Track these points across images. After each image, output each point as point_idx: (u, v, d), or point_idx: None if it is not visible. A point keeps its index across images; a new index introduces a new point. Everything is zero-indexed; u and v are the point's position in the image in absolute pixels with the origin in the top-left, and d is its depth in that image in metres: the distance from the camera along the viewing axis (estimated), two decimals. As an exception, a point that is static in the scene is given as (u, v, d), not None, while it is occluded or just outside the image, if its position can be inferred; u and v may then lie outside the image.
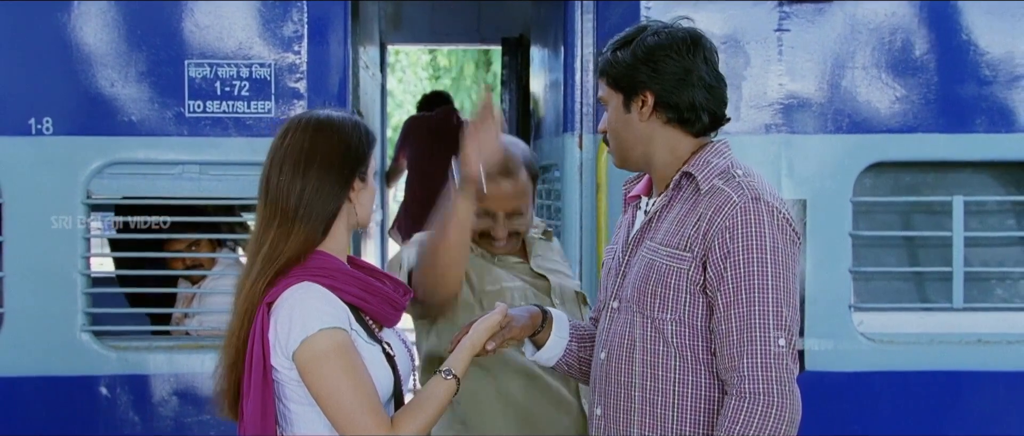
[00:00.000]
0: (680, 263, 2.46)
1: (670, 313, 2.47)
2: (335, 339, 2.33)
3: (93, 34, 4.07)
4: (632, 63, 2.54)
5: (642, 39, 2.55)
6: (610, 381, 2.56)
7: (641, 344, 2.51)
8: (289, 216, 2.41)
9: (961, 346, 4.19)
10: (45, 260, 4.06)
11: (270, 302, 2.37)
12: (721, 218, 2.41)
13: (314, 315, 2.34)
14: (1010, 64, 4.19)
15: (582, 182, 4.32)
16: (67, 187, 4.06)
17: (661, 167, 2.59)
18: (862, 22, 4.18)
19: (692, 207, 2.48)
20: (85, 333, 4.08)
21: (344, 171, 2.43)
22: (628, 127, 2.58)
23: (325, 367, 2.32)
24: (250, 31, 4.11)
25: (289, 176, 2.42)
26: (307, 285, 2.38)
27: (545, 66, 5.30)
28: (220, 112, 4.09)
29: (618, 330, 2.56)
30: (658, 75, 2.51)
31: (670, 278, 2.46)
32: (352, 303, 2.43)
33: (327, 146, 2.44)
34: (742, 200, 2.41)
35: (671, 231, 2.49)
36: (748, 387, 2.33)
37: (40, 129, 4.05)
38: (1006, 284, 4.35)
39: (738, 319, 2.37)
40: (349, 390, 2.32)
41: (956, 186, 4.28)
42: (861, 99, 4.19)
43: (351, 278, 2.44)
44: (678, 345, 2.47)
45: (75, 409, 4.08)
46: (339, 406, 2.33)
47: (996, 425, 4.18)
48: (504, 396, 3.03)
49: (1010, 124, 4.20)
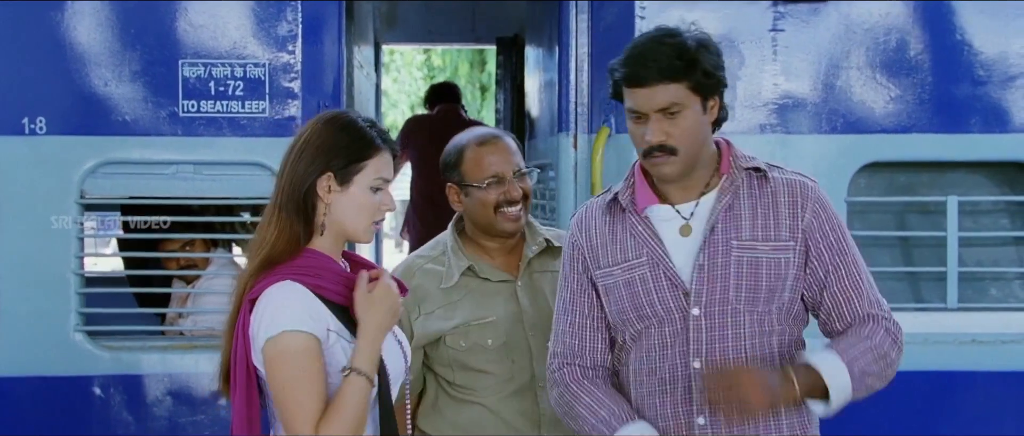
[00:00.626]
0: (786, 254, 2.58)
1: (776, 303, 2.59)
2: (295, 342, 2.32)
3: (87, 33, 4.06)
4: (719, 66, 2.56)
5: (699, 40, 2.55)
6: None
7: (750, 341, 2.58)
8: (276, 200, 2.43)
9: (955, 346, 4.19)
10: (39, 260, 4.05)
11: (253, 298, 2.37)
12: (810, 204, 2.60)
13: (283, 315, 2.33)
14: (1004, 64, 4.19)
15: (577, 182, 4.31)
16: (61, 187, 4.04)
17: (704, 168, 2.62)
18: (857, 22, 4.18)
19: (769, 198, 2.59)
20: (78, 333, 4.07)
21: (315, 162, 2.41)
22: (703, 130, 2.59)
23: (279, 368, 2.32)
24: (244, 31, 4.10)
25: (283, 162, 2.46)
26: (288, 284, 2.37)
27: (540, 66, 5.30)
28: (214, 112, 4.08)
29: (715, 334, 2.57)
30: (723, 72, 2.59)
31: (781, 269, 2.58)
32: (339, 302, 2.41)
33: (314, 137, 2.44)
34: (815, 185, 2.65)
35: (760, 226, 2.58)
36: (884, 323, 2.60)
37: (33, 129, 4.04)
38: (1000, 284, 4.35)
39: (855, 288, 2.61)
40: (293, 395, 2.30)
41: (950, 186, 4.28)
42: (856, 99, 4.19)
43: (337, 277, 2.42)
44: (780, 331, 2.61)
45: (69, 409, 4.07)
46: (283, 408, 2.33)
47: (990, 425, 4.18)
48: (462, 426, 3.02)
49: (1004, 124, 4.20)
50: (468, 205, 3.04)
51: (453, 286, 3.02)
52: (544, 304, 3.03)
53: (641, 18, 4.16)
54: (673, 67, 2.51)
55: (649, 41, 2.56)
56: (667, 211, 2.63)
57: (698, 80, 2.52)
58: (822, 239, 2.60)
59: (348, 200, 2.44)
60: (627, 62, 2.57)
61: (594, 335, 2.72)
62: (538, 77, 5.36)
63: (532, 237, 3.11)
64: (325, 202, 2.42)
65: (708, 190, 2.62)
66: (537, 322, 3.02)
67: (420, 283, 3.02)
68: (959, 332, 4.19)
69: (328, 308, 2.40)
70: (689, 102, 2.53)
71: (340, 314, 2.42)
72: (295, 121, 4.08)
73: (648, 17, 4.16)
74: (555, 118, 4.46)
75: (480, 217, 3.02)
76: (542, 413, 3.01)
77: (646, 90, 2.52)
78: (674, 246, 2.61)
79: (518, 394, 3.01)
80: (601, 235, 2.69)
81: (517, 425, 3.01)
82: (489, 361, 2.99)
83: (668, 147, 2.53)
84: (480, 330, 2.99)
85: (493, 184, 2.98)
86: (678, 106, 2.52)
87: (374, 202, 2.46)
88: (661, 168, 2.56)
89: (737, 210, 2.59)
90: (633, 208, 2.66)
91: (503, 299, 3.04)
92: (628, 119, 2.60)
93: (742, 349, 2.57)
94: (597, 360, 2.72)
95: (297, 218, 2.41)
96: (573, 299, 2.73)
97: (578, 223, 2.75)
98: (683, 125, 2.53)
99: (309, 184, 2.41)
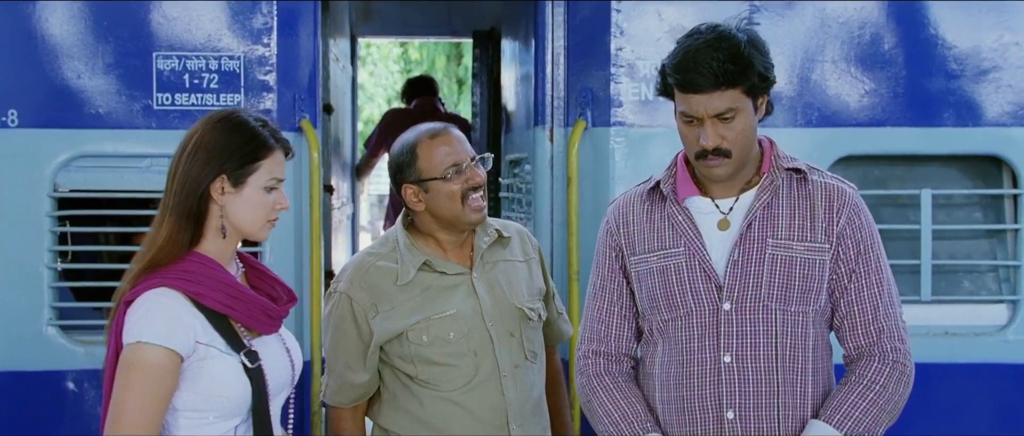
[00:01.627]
0: (822, 255, 2.61)
1: (812, 304, 2.62)
2: (145, 356, 2.31)
3: (60, 25, 4.03)
4: (767, 63, 2.57)
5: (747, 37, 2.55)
6: (744, 382, 2.60)
7: (782, 339, 2.60)
8: (165, 202, 2.41)
9: (929, 338, 4.22)
10: (11, 254, 4.02)
11: (129, 301, 2.36)
12: (847, 210, 2.63)
13: (143, 325, 2.32)
14: (977, 59, 4.22)
15: (553, 176, 4.31)
16: (33, 180, 4.02)
17: (751, 165, 2.64)
18: (831, 16, 4.20)
19: (806, 200, 2.62)
20: (52, 327, 4.04)
21: (208, 165, 2.39)
22: (754, 131, 2.62)
23: (122, 377, 2.32)
24: (219, 23, 4.08)
25: (173, 163, 2.43)
26: (161, 291, 2.36)
27: (516, 59, 5.30)
28: (189, 105, 4.06)
29: (746, 330, 2.60)
30: (773, 70, 2.61)
31: (815, 270, 2.61)
32: (218, 310, 2.39)
33: (205, 138, 2.41)
34: (854, 192, 2.67)
35: (796, 226, 2.61)
36: (891, 357, 2.60)
37: (5, 121, 4.01)
38: (973, 277, 4.38)
39: (872, 300, 2.62)
40: (125, 408, 2.30)
41: (924, 179, 4.30)
42: (830, 93, 4.21)
43: (219, 285, 2.40)
44: (814, 334, 2.63)
45: (41, 404, 4.05)
46: (112, 416, 2.32)
47: (963, 417, 4.21)
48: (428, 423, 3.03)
49: (977, 118, 4.23)
50: (431, 201, 3.01)
51: (409, 282, 3.00)
52: (501, 294, 3.05)
53: (617, 12, 4.17)
54: (729, 73, 2.50)
55: (703, 45, 2.52)
56: (707, 204, 2.66)
57: (753, 83, 2.54)
58: (852, 246, 2.63)
59: (242, 201, 2.43)
60: (681, 67, 2.54)
61: (620, 322, 2.76)
62: (514, 71, 5.36)
63: (482, 229, 3.10)
64: (219, 204, 2.41)
65: (748, 187, 2.66)
66: (495, 313, 3.03)
67: (375, 281, 3.01)
68: (932, 324, 4.22)
69: (206, 316, 2.38)
70: (743, 105, 2.55)
71: (218, 322, 2.39)
72: (271, 114, 4.06)
73: (624, 11, 4.17)
74: (531, 112, 4.46)
75: (446, 210, 3.00)
76: (508, 404, 3.02)
77: (701, 96, 2.52)
78: (711, 239, 2.64)
79: (482, 385, 3.02)
80: (639, 222, 2.72)
81: (484, 417, 3.01)
82: (451, 354, 2.99)
83: (722, 150, 2.56)
84: (441, 324, 2.98)
85: (453, 173, 2.98)
86: (733, 111, 2.53)
87: (268, 202, 2.46)
88: (715, 170, 2.59)
89: (775, 209, 2.63)
90: (674, 197, 2.68)
91: (461, 292, 3.03)
92: (679, 120, 2.61)
93: (773, 346, 2.60)
94: (622, 348, 2.77)
95: (187, 221, 2.39)
96: (603, 285, 2.78)
97: (616, 210, 2.79)
98: (738, 128, 2.55)
99: (203, 187, 2.39)
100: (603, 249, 2.79)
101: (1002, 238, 4.35)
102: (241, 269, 2.54)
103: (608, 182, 4.17)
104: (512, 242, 3.16)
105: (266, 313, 2.46)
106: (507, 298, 3.06)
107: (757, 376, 2.59)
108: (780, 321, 2.60)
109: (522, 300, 3.08)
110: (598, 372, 2.75)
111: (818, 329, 2.65)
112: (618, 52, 4.18)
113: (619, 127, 4.18)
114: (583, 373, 2.78)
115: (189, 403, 2.37)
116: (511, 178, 4.99)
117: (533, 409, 3.09)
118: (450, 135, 3.04)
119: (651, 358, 2.72)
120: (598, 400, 2.71)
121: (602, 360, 2.76)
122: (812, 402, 2.61)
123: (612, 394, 2.70)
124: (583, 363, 2.79)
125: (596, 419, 2.73)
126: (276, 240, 4.07)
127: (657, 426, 2.67)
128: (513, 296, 3.07)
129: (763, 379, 2.59)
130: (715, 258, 2.63)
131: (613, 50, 4.18)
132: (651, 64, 4.14)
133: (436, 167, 2.98)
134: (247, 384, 2.40)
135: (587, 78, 4.25)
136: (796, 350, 2.60)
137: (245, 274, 2.55)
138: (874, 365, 2.59)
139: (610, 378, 2.74)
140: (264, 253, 4.09)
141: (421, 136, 3.04)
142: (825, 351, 2.68)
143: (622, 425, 2.66)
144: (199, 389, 2.37)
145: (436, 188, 2.99)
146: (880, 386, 2.57)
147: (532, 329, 3.10)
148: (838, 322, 2.66)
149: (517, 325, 3.07)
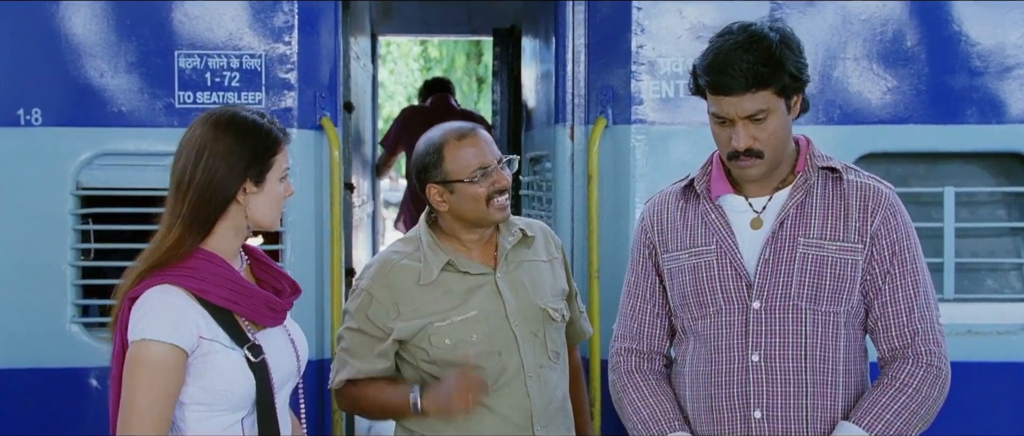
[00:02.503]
0: (854, 255, 2.58)
1: (843, 304, 2.58)
2: (152, 353, 2.33)
3: (82, 24, 4.06)
4: (799, 62, 2.54)
5: (779, 37, 2.52)
6: (772, 381, 2.58)
7: (812, 339, 2.57)
8: (177, 210, 2.42)
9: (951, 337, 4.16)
10: (35, 251, 4.04)
11: (133, 298, 2.38)
12: (882, 210, 2.59)
13: (149, 322, 2.34)
14: (1000, 55, 4.19)
15: (574, 173, 4.31)
16: (56, 178, 4.04)
17: (786, 163, 2.63)
18: (853, 13, 4.18)
19: (840, 199, 2.59)
20: (75, 324, 4.07)
21: (233, 172, 2.41)
22: (788, 130, 2.60)
23: (130, 375, 2.34)
24: (240, 22, 4.09)
25: (180, 171, 2.43)
26: (165, 288, 2.37)
27: (536, 57, 5.29)
28: (210, 103, 4.07)
29: (775, 329, 2.58)
30: (807, 68, 2.58)
31: (846, 270, 2.57)
32: (223, 306, 2.41)
33: (219, 144, 2.42)
34: (891, 192, 2.63)
35: (829, 225, 2.58)
36: (925, 360, 2.56)
37: (29, 120, 4.04)
38: (996, 275, 4.36)
39: (906, 300, 2.58)
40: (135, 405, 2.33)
41: (947, 177, 4.28)
42: (852, 90, 4.19)
43: (223, 280, 2.41)
44: (846, 335, 2.60)
45: (65, 401, 4.07)
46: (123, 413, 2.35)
47: (986, 416, 4.19)
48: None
49: (1000, 115, 4.20)
50: (456, 202, 2.98)
51: (432, 282, 2.98)
52: (525, 295, 3.02)
53: (638, 9, 4.16)
54: (759, 75, 2.48)
55: (734, 46, 2.50)
56: (741, 202, 2.65)
57: (784, 84, 2.52)
58: (887, 247, 2.58)
59: (263, 197, 2.46)
60: (711, 69, 2.52)
61: (653, 321, 2.77)
62: (535, 68, 5.35)
63: (507, 228, 3.07)
64: (242, 204, 2.44)
65: (783, 186, 2.64)
66: (519, 313, 3.00)
67: (397, 281, 2.98)
68: (955, 323, 4.19)
69: (209, 312, 2.39)
70: (775, 106, 2.53)
71: (221, 317, 2.41)
72: (292, 112, 4.08)
73: (644, 9, 4.16)
74: (552, 109, 4.46)
75: (471, 212, 2.98)
76: (533, 404, 3.00)
77: (733, 98, 2.51)
78: (743, 237, 2.63)
79: (508, 386, 2.99)
80: (672, 220, 2.73)
81: (510, 418, 2.99)
82: (477, 355, 2.96)
83: (755, 151, 2.54)
84: (463, 327, 2.96)
85: (480, 176, 2.96)
86: (764, 112, 2.52)
87: (281, 193, 2.50)
88: (748, 171, 2.58)
89: (808, 208, 2.61)
90: (708, 195, 2.68)
91: (484, 292, 3.00)
92: (711, 121, 2.60)
93: (802, 346, 2.57)
94: (654, 346, 2.77)
95: (201, 226, 2.41)
96: (637, 283, 2.79)
97: (651, 208, 2.79)
98: (770, 129, 2.53)
99: (231, 194, 2.42)
100: (637, 247, 2.80)
101: (1026, 236, 4.33)
102: (246, 261, 2.56)
103: (629, 180, 4.16)
104: (536, 241, 3.13)
105: (269, 306, 2.48)
106: (531, 298, 3.02)
107: (785, 376, 2.57)
108: (810, 321, 2.57)
109: (546, 301, 3.05)
110: (629, 369, 2.76)
111: (851, 331, 2.61)
112: (639, 50, 4.17)
113: (640, 125, 4.17)
114: (615, 370, 2.79)
115: (195, 397, 2.40)
116: (532, 176, 4.99)
117: (558, 410, 3.06)
118: (478, 136, 3.00)
119: (682, 356, 2.72)
120: (628, 398, 2.72)
121: (634, 358, 2.77)
122: (843, 404, 2.58)
123: (642, 392, 2.71)
124: (615, 360, 2.80)
125: (626, 416, 2.74)
126: (297, 238, 4.09)
127: (686, 424, 2.66)
128: (537, 297, 3.04)
129: (791, 379, 2.57)
130: (747, 256, 2.61)
131: (634, 48, 4.17)
132: (672, 62, 4.13)
133: (463, 169, 2.95)
134: (251, 378, 2.42)
135: (608, 76, 4.24)
136: (826, 350, 2.57)
137: (250, 266, 2.56)
138: (907, 367, 2.56)
139: (641, 376, 2.74)
140: (285, 251, 4.10)
141: (448, 136, 3.00)
142: (858, 353, 2.64)
143: (650, 423, 2.66)
144: (204, 384, 2.39)
145: (461, 190, 2.96)
146: (913, 389, 2.54)
147: (556, 329, 3.08)
148: (872, 323, 2.62)
149: (541, 325, 3.04)
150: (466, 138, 2.99)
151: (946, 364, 2.59)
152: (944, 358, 2.59)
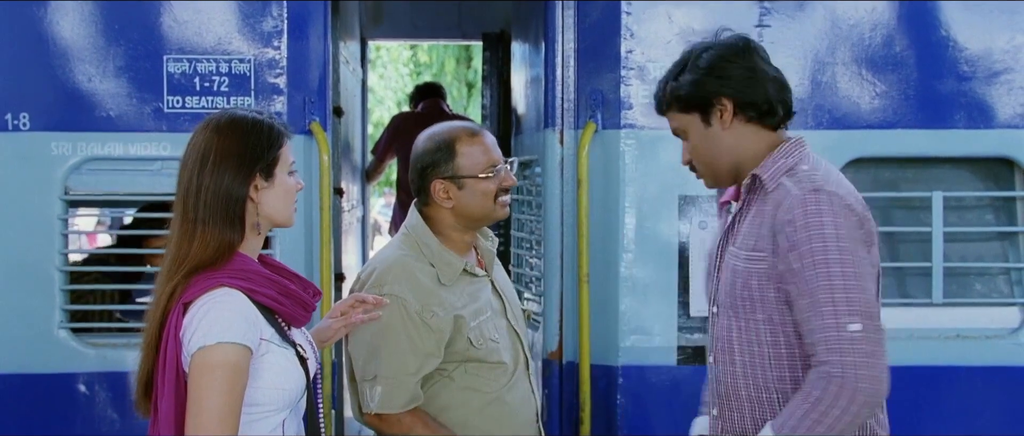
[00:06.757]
0: (758, 264, 2.54)
1: (761, 312, 2.56)
2: (229, 356, 2.31)
3: (70, 28, 4.05)
4: (698, 80, 2.61)
5: (697, 58, 2.62)
6: (719, 383, 2.67)
7: (738, 346, 2.61)
8: (189, 216, 2.41)
9: (940, 341, 4.21)
10: (23, 256, 4.03)
11: (187, 302, 2.36)
12: (782, 212, 2.49)
13: (219, 326, 2.32)
14: (988, 60, 4.21)
15: (563, 178, 4.31)
16: (44, 183, 4.03)
17: (748, 172, 2.64)
18: (842, 18, 4.19)
19: (760, 208, 2.58)
20: (63, 330, 4.05)
21: (242, 170, 2.42)
22: (713, 142, 2.64)
23: (206, 378, 2.31)
24: (229, 26, 4.09)
25: (188, 176, 2.43)
26: (226, 291, 2.36)
27: (526, 62, 5.29)
28: (199, 107, 4.06)
29: (720, 334, 2.66)
30: (728, 80, 2.60)
31: (752, 280, 2.56)
32: (267, 305, 2.42)
33: (223, 145, 2.42)
34: (801, 192, 2.48)
35: (746, 234, 2.60)
36: (825, 368, 2.42)
37: (17, 125, 4.02)
38: (985, 279, 4.37)
39: (811, 308, 2.45)
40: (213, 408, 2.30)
41: (935, 182, 4.29)
42: (841, 95, 4.20)
43: (267, 281, 2.43)
44: (772, 343, 2.57)
45: (53, 407, 4.06)
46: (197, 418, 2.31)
47: (974, 420, 4.20)
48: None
49: (989, 120, 4.22)
50: (463, 198, 2.98)
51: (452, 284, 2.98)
52: (511, 296, 3.15)
53: (627, 14, 4.17)
54: (663, 100, 2.68)
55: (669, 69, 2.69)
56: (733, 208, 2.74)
57: (683, 104, 2.63)
58: (788, 252, 2.47)
59: (275, 191, 2.48)
60: None
61: None
62: (524, 73, 5.35)
63: (482, 232, 3.13)
64: (255, 201, 2.45)
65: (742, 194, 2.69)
66: (515, 312, 3.12)
67: (422, 282, 2.95)
68: (944, 327, 4.21)
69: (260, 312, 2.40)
70: (688, 123, 2.65)
71: (269, 318, 2.42)
72: (281, 117, 4.06)
73: (634, 13, 4.16)
74: (541, 114, 4.46)
75: (478, 208, 2.99)
76: (537, 400, 3.12)
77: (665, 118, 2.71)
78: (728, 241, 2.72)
79: (518, 383, 3.06)
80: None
81: (522, 414, 3.06)
82: (499, 351, 3.01)
83: (692, 165, 2.71)
84: (486, 325, 3.00)
85: (493, 173, 2.98)
86: (682, 131, 2.67)
87: (292, 185, 2.52)
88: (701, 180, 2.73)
89: (743, 216, 2.64)
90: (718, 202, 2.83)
91: (487, 293, 3.06)
92: None
93: (732, 352, 2.63)
94: None
95: (226, 227, 2.41)
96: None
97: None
98: (692, 145, 2.67)
99: (244, 193, 2.42)
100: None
101: (1014, 240, 4.34)
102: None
103: (618, 184, 4.16)
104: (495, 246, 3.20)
105: (302, 306, 2.51)
106: (515, 300, 3.14)
107: (726, 379, 2.65)
108: (736, 327, 2.62)
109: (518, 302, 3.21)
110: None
111: (784, 338, 2.56)
112: (628, 54, 4.18)
113: (629, 129, 4.18)
114: None
115: (250, 398, 2.39)
116: (521, 180, 4.99)
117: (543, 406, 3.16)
118: (487, 136, 3.06)
119: None
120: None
121: None
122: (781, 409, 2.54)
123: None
124: None
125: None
126: (286, 243, 4.08)
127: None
128: (515, 297, 3.18)
129: (730, 382, 2.64)
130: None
131: (623, 52, 4.18)
132: (661, 66, 4.13)
133: (476, 165, 2.97)
134: (302, 375, 2.46)
135: (597, 80, 4.25)
136: (754, 357, 2.59)
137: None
138: (811, 376, 2.46)
139: None
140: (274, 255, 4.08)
141: (459, 132, 3.01)
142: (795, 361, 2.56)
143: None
144: (261, 383, 2.39)
145: (472, 185, 2.98)
146: (814, 399, 2.42)
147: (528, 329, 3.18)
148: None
149: (523, 325, 3.17)
150: (478, 135, 3.03)
151: (853, 372, 2.41)
152: (849, 366, 2.41)
